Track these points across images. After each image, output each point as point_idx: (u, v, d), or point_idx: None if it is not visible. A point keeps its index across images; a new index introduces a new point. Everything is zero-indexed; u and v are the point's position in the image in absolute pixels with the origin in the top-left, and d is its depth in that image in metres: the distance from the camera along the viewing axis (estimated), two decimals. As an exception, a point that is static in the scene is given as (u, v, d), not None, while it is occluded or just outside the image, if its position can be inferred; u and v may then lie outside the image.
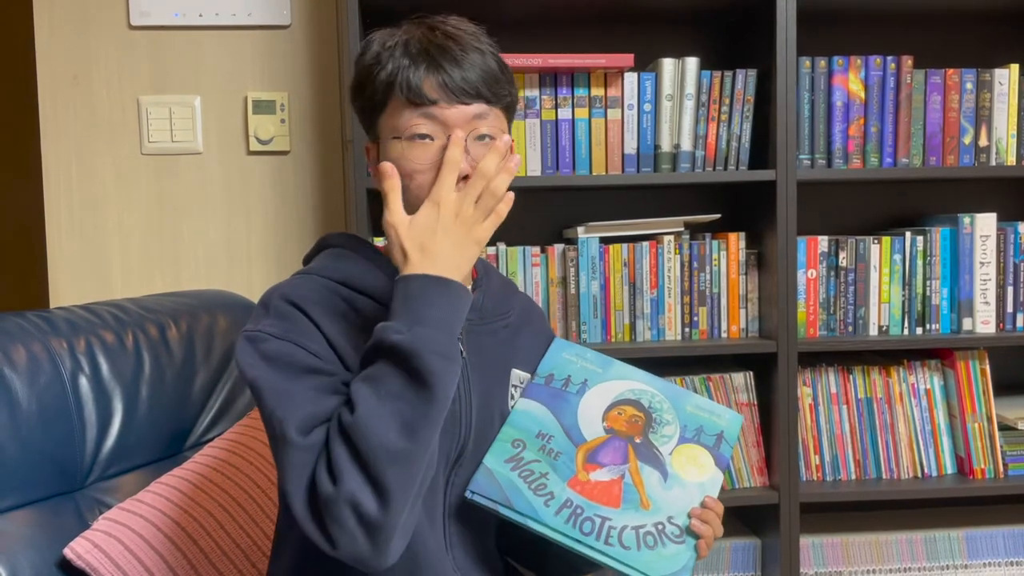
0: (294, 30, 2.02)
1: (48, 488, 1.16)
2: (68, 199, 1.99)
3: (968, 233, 1.89)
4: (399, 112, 1.04)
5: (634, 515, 1.06)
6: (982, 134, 1.90)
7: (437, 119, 1.03)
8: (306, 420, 0.95)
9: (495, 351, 1.15)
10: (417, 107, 1.02)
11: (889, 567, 1.93)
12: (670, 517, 1.06)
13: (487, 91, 1.04)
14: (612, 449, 1.11)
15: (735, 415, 1.17)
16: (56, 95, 1.98)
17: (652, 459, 1.10)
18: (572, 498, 1.06)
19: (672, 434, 1.13)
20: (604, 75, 1.83)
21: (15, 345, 1.14)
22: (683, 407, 1.16)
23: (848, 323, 1.90)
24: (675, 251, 1.87)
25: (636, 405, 1.15)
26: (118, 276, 2.01)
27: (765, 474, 1.88)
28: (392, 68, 1.03)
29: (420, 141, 1.03)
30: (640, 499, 1.07)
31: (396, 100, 1.04)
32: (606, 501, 1.06)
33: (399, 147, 1.03)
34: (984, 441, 1.88)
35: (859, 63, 1.87)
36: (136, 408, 1.28)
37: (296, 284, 1.05)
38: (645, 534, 1.05)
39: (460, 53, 1.03)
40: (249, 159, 2.03)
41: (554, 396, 1.14)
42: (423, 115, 1.03)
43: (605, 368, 1.18)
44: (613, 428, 1.13)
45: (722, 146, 1.86)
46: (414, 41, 1.04)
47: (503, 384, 1.15)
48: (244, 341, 1.00)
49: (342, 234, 1.14)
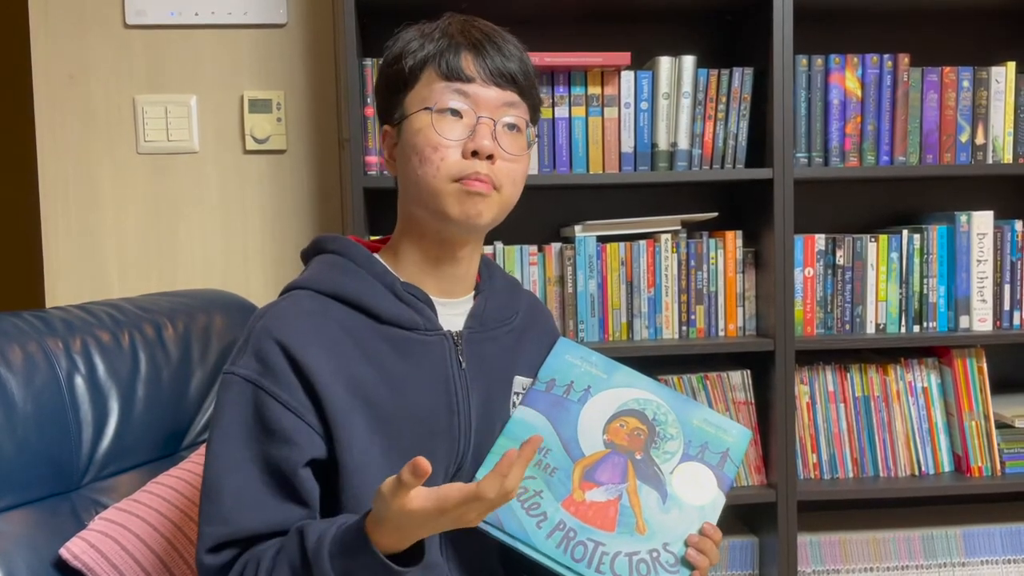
0: (290, 29, 2.01)
1: (44, 488, 1.15)
2: (64, 198, 1.99)
3: (965, 231, 1.90)
4: (432, 85, 1.03)
5: (628, 540, 1.01)
6: (979, 132, 1.90)
7: (470, 96, 1.02)
8: (222, 536, 0.96)
9: (496, 358, 1.12)
10: (452, 82, 1.03)
11: (887, 565, 1.93)
12: (666, 544, 1.02)
13: (523, 81, 1.05)
14: (611, 466, 1.06)
15: (744, 431, 1.11)
16: (52, 94, 1.97)
17: (652, 478, 1.06)
18: (565, 520, 1.02)
19: (675, 450, 1.08)
20: (601, 73, 1.83)
21: (11, 345, 1.14)
22: (689, 420, 1.10)
23: (845, 321, 1.90)
24: (672, 250, 1.87)
25: (640, 416, 1.10)
26: (114, 275, 2.00)
27: (763, 472, 1.88)
28: (432, 48, 1.04)
29: (451, 116, 1.02)
30: (636, 523, 1.03)
31: (430, 75, 1.04)
32: (600, 524, 1.02)
33: (427, 118, 1.02)
34: (981, 439, 1.88)
35: (856, 61, 1.87)
36: (132, 408, 1.28)
37: (283, 311, 1.02)
38: (639, 562, 1.00)
39: (501, 42, 1.05)
40: (245, 158, 2.02)
41: (554, 404, 1.10)
42: (457, 91, 1.02)
43: (610, 374, 1.13)
44: (614, 442, 1.08)
45: (719, 144, 1.86)
46: (455, 27, 1.05)
47: (505, 392, 1.12)
48: (222, 382, 1.01)
49: (337, 238, 1.11)
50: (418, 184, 1.03)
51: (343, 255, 1.09)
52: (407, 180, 1.06)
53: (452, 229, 1.06)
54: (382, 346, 1.04)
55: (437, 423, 1.05)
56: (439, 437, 1.04)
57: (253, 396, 0.98)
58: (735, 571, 1.92)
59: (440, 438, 1.05)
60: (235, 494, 0.96)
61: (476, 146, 1.01)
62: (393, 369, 1.03)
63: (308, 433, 0.98)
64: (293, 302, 1.04)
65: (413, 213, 1.08)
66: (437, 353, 1.06)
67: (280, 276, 2.01)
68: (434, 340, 1.07)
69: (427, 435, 1.03)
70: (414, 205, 1.07)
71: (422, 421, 1.03)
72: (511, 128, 1.05)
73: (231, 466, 0.97)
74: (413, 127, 1.04)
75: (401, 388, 1.03)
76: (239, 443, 0.98)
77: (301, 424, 0.98)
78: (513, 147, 1.05)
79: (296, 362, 0.98)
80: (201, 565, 0.97)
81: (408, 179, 1.06)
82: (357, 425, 0.99)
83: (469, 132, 1.02)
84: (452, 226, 1.05)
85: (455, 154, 1.01)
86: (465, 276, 1.13)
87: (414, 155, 1.03)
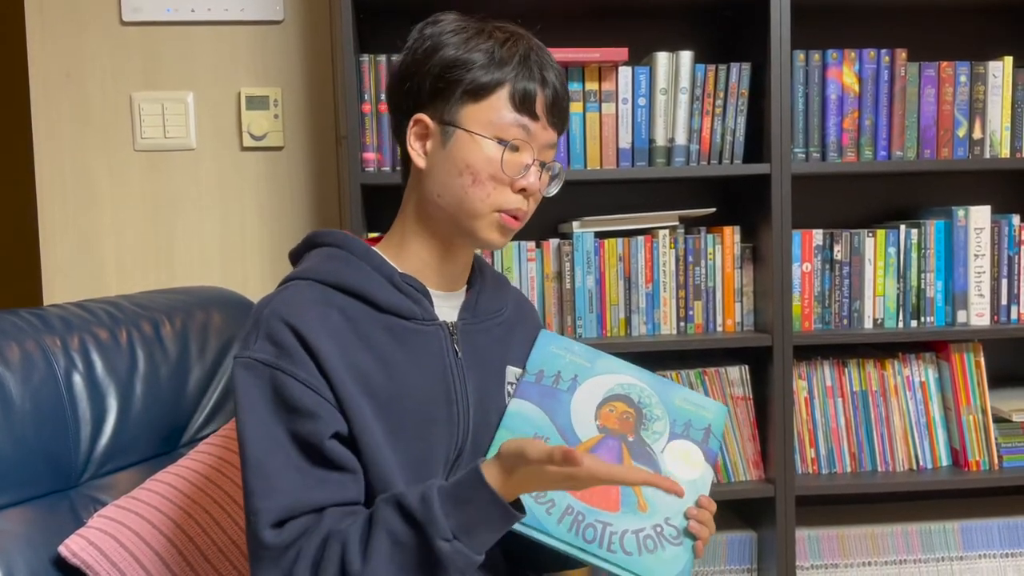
0: (287, 25, 2.01)
1: (43, 486, 1.15)
2: (61, 196, 1.98)
3: (962, 226, 1.90)
4: (501, 111, 1.05)
5: (633, 518, 1.06)
6: (976, 127, 1.90)
7: (531, 134, 1.07)
8: (282, 512, 0.96)
9: (490, 349, 1.15)
10: (522, 115, 1.06)
11: (885, 559, 1.93)
12: (667, 519, 1.06)
13: (567, 123, 1.12)
14: (607, 449, 1.10)
15: (720, 406, 1.17)
16: (48, 92, 1.97)
17: (646, 458, 1.11)
18: (572, 504, 1.05)
19: (662, 430, 1.13)
20: (598, 69, 1.83)
21: (9, 343, 1.14)
22: (671, 401, 1.16)
23: (843, 316, 1.90)
24: (670, 245, 1.87)
25: (626, 400, 1.15)
26: (112, 273, 2.00)
27: (761, 467, 1.88)
28: (509, 72, 1.05)
29: (512, 151, 1.06)
30: (638, 501, 1.07)
31: (502, 99, 1.05)
32: (605, 505, 1.06)
33: (495, 148, 1.05)
34: (979, 433, 1.88)
35: (853, 56, 1.87)
36: (131, 405, 1.28)
37: (289, 298, 1.04)
38: (645, 538, 1.05)
39: (561, 79, 1.10)
40: (243, 155, 2.02)
41: (545, 394, 1.13)
42: (523, 127, 1.06)
43: (593, 362, 1.17)
44: (606, 427, 1.12)
45: (716, 140, 1.86)
46: (535, 57, 1.07)
47: (499, 382, 1.15)
48: (238, 367, 1.01)
49: (334, 232, 1.12)
50: (462, 200, 1.06)
51: (342, 247, 1.10)
52: (445, 188, 1.07)
53: (472, 245, 1.12)
54: (381, 335, 1.05)
55: (436, 410, 1.07)
56: (438, 424, 1.07)
57: (271, 378, 0.99)
58: (733, 566, 1.92)
59: (439, 425, 1.07)
60: (283, 471, 0.97)
61: (529, 187, 1.07)
62: (392, 357, 1.05)
63: (329, 408, 0.99)
64: (297, 290, 1.05)
65: (432, 215, 1.10)
66: (434, 342, 1.09)
67: (278, 273, 2.01)
68: (431, 330, 1.09)
69: (427, 422, 1.06)
70: (441, 211, 1.09)
71: (421, 408, 1.05)
72: (544, 166, 1.10)
73: (271, 445, 0.98)
74: (474, 146, 1.05)
75: (400, 375, 1.05)
76: (272, 423, 0.99)
77: (321, 400, 0.99)
78: (547, 187, 1.13)
79: (308, 344, 1.00)
80: (261, 544, 0.95)
81: (448, 187, 1.07)
82: (363, 410, 1.01)
83: (524, 171, 1.07)
84: (476, 245, 1.11)
85: (506, 187, 1.06)
86: (462, 272, 1.16)
87: (468, 173, 1.05)
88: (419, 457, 1.05)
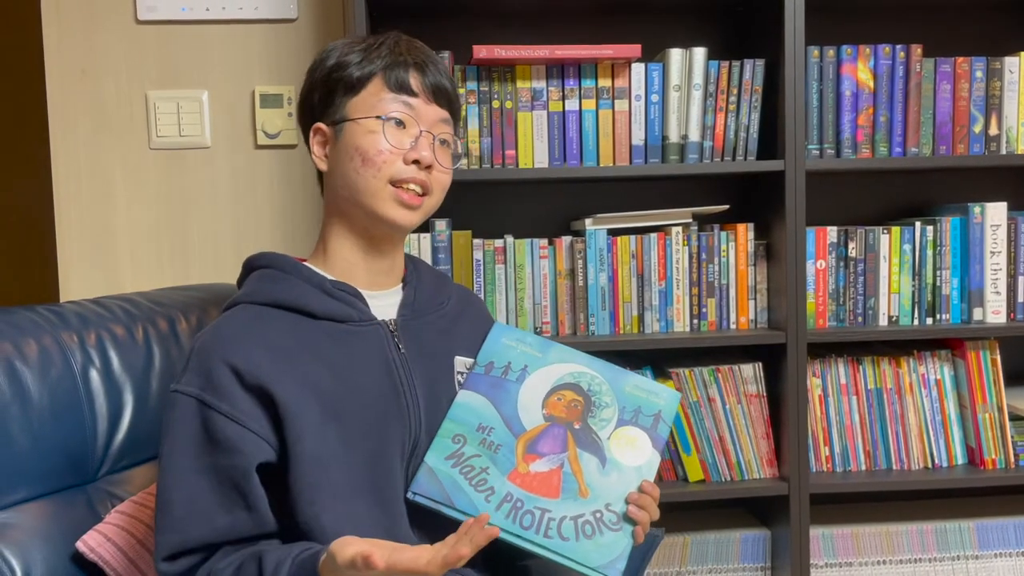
0: (301, 24, 2.02)
1: (60, 481, 1.16)
2: (77, 194, 2.00)
3: (978, 222, 1.88)
4: (380, 95, 1.14)
5: (573, 504, 1.07)
6: (992, 122, 1.89)
7: (414, 110, 1.14)
8: (175, 546, 1.00)
9: (434, 342, 1.19)
10: (399, 94, 1.14)
11: (900, 558, 1.92)
12: (608, 504, 1.08)
13: (455, 102, 1.21)
14: (551, 437, 1.12)
15: (673, 393, 1.19)
16: (64, 90, 1.98)
17: (591, 445, 1.12)
18: (512, 492, 1.07)
19: (610, 417, 1.15)
20: (611, 66, 1.82)
21: (26, 339, 1.15)
22: (622, 388, 1.17)
23: (858, 314, 1.89)
24: (683, 242, 1.86)
25: (576, 389, 1.17)
26: (127, 270, 2.01)
27: (775, 465, 1.87)
28: (380, 62, 1.14)
29: (395, 126, 1.13)
30: (579, 487, 1.09)
31: (378, 85, 1.14)
32: (545, 492, 1.08)
33: (375, 124, 1.12)
34: (995, 431, 1.87)
35: (868, 52, 1.86)
36: (147, 401, 1.29)
37: (221, 328, 1.09)
38: (583, 523, 1.06)
39: (439, 64, 1.19)
40: (257, 153, 2.03)
41: (494, 386, 1.16)
42: (404, 103, 1.14)
43: (545, 352, 1.20)
44: (552, 415, 1.14)
45: (730, 136, 1.85)
46: (403, 46, 1.17)
47: (448, 373, 1.19)
48: (169, 399, 1.06)
49: (264, 254, 1.19)
50: (356, 183, 1.13)
51: (271, 267, 1.16)
52: (343, 178, 1.15)
53: (382, 228, 1.16)
54: (322, 341, 1.10)
55: (386, 405, 1.11)
56: (391, 419, 1.10)
57: (198, 411, 1.04)
58: (747, 563, 1.92)
59: (392, 419, 1.10)
60: (185, 504, 1.01)
61: (419, 156, 1.13)
62: (336, 359, 1.10)
63: (254, 440, 1.03)
64: (230, 318, 1.11)
65: (344, 210, 1.17)
66: (373, 341, 1.13)
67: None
68: (370, 329, 1.14)
69: (378, 418, 1.09)
70: (347, 202, 1.16)
71: (370, 405, 1.09)
72: (443, 143, 1.18)
73: (180, 479, 1.02)
74: (359, 130, 1.13)
75: (346, 377, 1.09)
76: (188, 456, 1.03)
77: (246, 432, 1.03)
78: (447, 160, 1.19)
79: (238, 371, 1.04)
80: (160, 573, 1.02)
81: (345, 177, 1.14)
82: (310, 415, 1.05)
83: (412, 142, 1.14)
84: (383, 226, 1.15)
85: (396, 160, 1.13)
86: (391, 269, 1.22)
87: (357, 156, 1.13)
88: (375, 451, 1.08)
